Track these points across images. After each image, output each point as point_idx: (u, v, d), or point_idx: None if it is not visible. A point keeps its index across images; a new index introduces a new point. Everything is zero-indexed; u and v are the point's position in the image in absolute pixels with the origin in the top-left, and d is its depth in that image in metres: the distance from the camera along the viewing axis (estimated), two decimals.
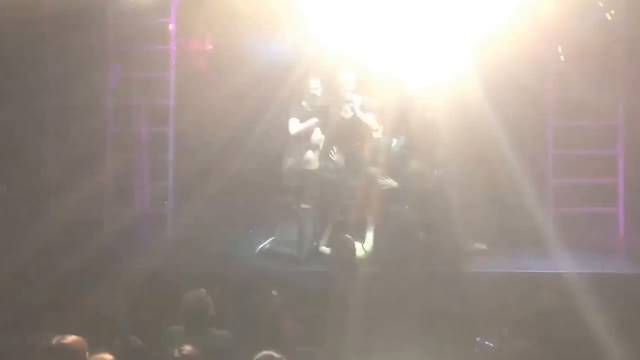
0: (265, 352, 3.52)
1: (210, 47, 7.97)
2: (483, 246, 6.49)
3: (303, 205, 6.44)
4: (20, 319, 4.88)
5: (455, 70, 6.74)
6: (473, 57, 6.83)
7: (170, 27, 7.51)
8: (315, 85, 6.67)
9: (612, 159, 7.00)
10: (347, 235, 6.09)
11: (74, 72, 7.60)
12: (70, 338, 3.74)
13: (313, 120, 6.59)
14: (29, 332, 4.56)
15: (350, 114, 6.50)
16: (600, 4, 7.12)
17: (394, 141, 6.67)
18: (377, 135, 6.61)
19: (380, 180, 6.34)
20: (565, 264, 6.11)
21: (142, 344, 4.53)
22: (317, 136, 6.67)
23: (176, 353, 3.75)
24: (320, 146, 6.66)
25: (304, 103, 6.71)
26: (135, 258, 6.86)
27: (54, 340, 3.74)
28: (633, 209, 6.94)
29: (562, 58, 7.36)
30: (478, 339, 4.93)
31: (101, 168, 7.59)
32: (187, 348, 3.76)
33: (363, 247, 6.23)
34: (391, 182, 6.31)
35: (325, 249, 6.34)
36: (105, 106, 7.60)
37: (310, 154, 6.56)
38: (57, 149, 7.79)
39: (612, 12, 7.01)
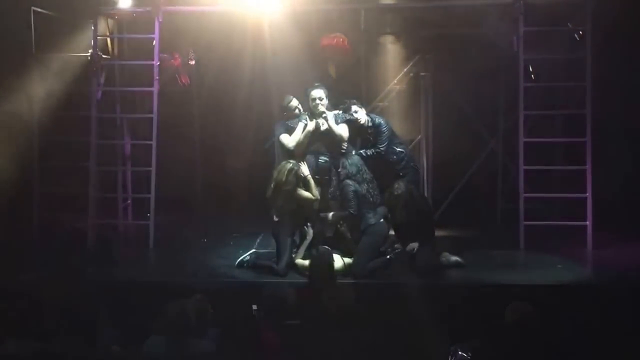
0: None
1: (193, 62, 8.09)
2: (458, 258, 6.64)
3: (276, 218, 6.54)
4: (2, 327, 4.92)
5: None
6: None
7: (154, 42, 7.64)
8: (294, 103, 6.85)
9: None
10: (325, 247, 6.18)
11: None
12: None
13: (308, 127, 6.67)
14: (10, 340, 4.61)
15: (324, 127, 6.67)
16: (570, 25, 7.59)
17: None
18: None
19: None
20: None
21: (123, 353, 4.63)
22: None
23: None
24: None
25: (287, 121, 6.88)
26: (117, 268, 6.96)
27: None
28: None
29: (532, 77, 7.68)
30: (452, 348, 5.05)
31: (85, 179, 7.68)
32: None
33: (342, 259, 6.33)
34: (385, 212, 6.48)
35: (301, 262, 6.45)
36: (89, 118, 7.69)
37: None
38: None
39: (580, 32, 7.45)
